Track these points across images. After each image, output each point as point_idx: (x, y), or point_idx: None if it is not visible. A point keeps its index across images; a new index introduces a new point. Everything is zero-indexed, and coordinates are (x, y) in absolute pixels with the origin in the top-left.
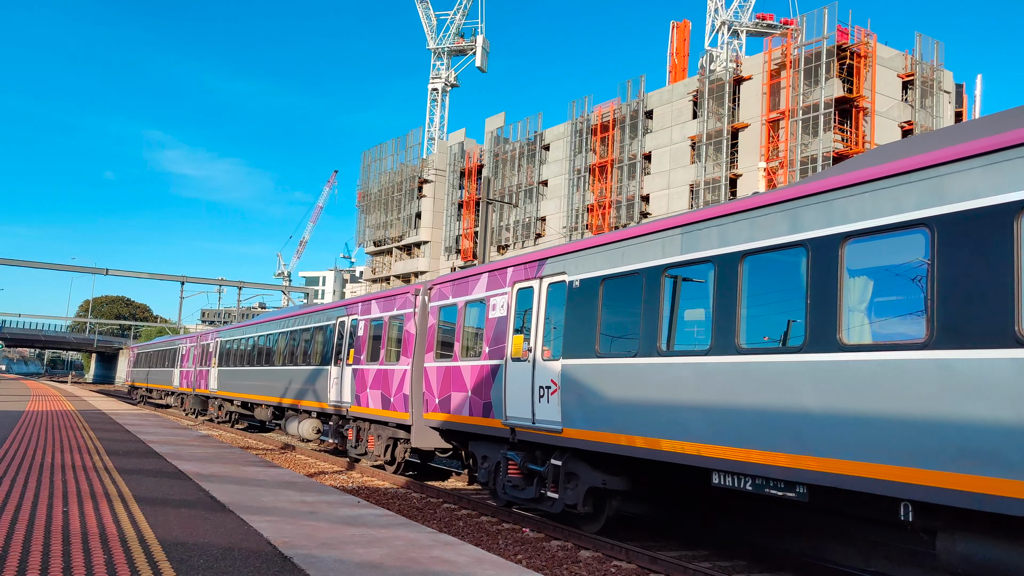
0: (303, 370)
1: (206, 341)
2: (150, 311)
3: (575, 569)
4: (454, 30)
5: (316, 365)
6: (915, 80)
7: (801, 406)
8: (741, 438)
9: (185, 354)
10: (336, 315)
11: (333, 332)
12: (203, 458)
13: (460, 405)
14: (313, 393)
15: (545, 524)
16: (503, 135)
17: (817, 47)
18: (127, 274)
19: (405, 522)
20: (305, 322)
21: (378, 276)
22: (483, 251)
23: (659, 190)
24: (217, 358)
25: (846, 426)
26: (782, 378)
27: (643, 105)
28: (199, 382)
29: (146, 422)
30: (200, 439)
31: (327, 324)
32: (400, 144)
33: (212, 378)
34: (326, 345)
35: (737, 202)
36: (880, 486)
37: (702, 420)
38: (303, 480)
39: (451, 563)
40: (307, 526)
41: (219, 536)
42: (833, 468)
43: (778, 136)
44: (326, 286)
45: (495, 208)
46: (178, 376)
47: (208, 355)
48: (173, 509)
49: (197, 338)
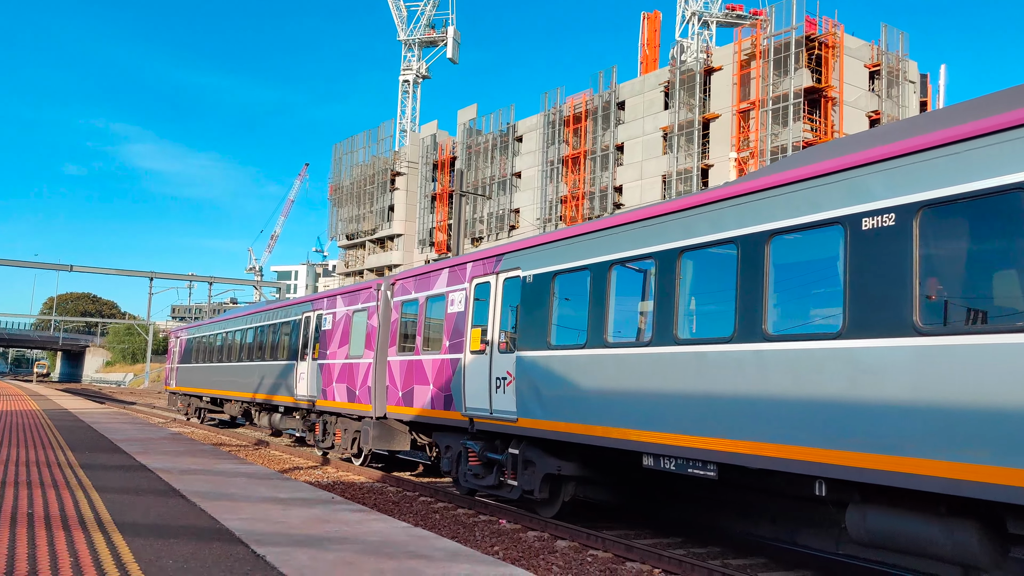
0: (271, 365)
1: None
2: (118, 308)
3: (552, 559)
4: (425, 21)
5: (284, 360)
6: (881, 70)
7: (728, 392)
8: (676, 424)
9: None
10: (303, 310)
11: (300, 327)
12: (174, 455)
13: (423, 398)
14: (281, 388)
15: (522, 515)
16: (475, 127)
17: (786, 38)
18: (93, 270)
19: (380, 517)
20: (272, 317)
21: (351, 270)
22: (457, 244)
23: (632, 181)
24: (182, 354)
25: (767, 411)
26: (712, 366)
27: (615, 96)
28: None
29: (114, 420)
30: (171, 437)
31: (294, 319)
32: (372, 136)
33: (173, 374)
34: (293, 340)
35: (672, 202)
36: (797, 465)
37: (638, 407)
38: (276, 476)
39: (427, 557)
40: (280, 523)
41: (190, 535)
42: (750, 449)
43: (748, 126)
44: (298, 280)
45: (468, 200)
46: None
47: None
48: (141, 508)
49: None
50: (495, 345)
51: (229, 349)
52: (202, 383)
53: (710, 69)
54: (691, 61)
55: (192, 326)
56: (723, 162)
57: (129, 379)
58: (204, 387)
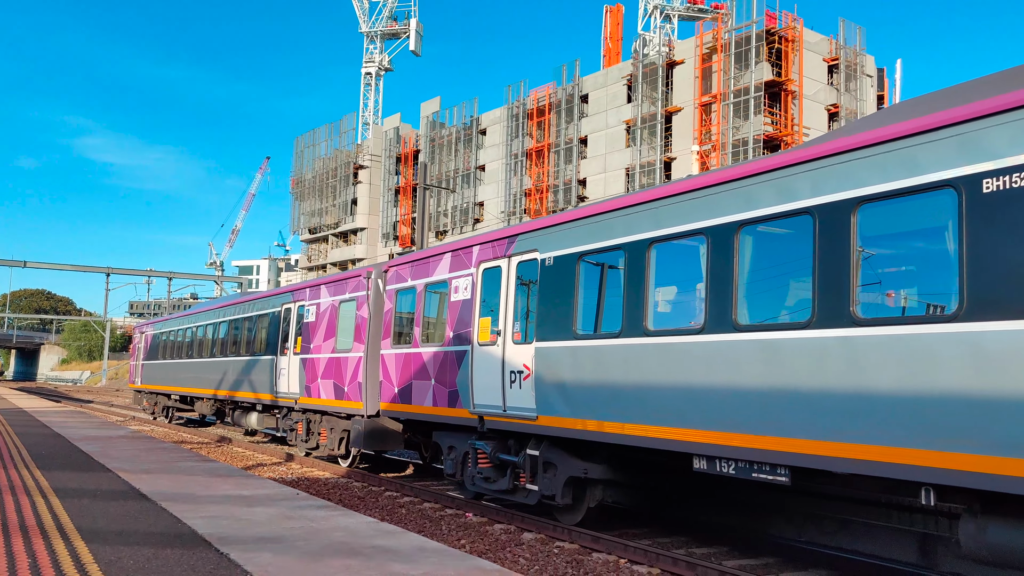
0: (247, 360)
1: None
2: (73, 305)
3: (518, 551)
4: (387, 13)
5: (262, 355)
6: (840, 64)
7: (805, 386)
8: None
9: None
10: (281, 301)
11: (278, 319)
12: (134, 454)
13: (422, 394)
14: (258, 385)
15: (488, 508)
16: (439, 120)
17: (747, 31)
18: (48, 266)
19: (346, 512)
20: (248, 310)
21: (314, 264)
22: (421, 237)
23: (596, 174)
24: (147, 350)
25: (859, 407)
26: (784, 357)
27: (578, 89)
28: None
29: (71, 419)
30: (130, 436)
31: (273, 311)
32: (334, 129)
33: (138, 372)
34: (271, 334)
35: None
36: (899, 470)
37: (687, 403)
38: (240, 473)
39: (394, 552)
40: (244, 520)
41: (151, 534)
42: (836, 452)
43: (710, 119)
44: (260, 275)
45: (433, 193)
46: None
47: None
48: (101, 507)
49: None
50: (508, 336)
51: (200, 344)
52: (171, 380)
53: (672, 63)
54: (653, 55)
55: (159, 320)
56: (686, 155)
57: (86, 377)
58: (173, 385)
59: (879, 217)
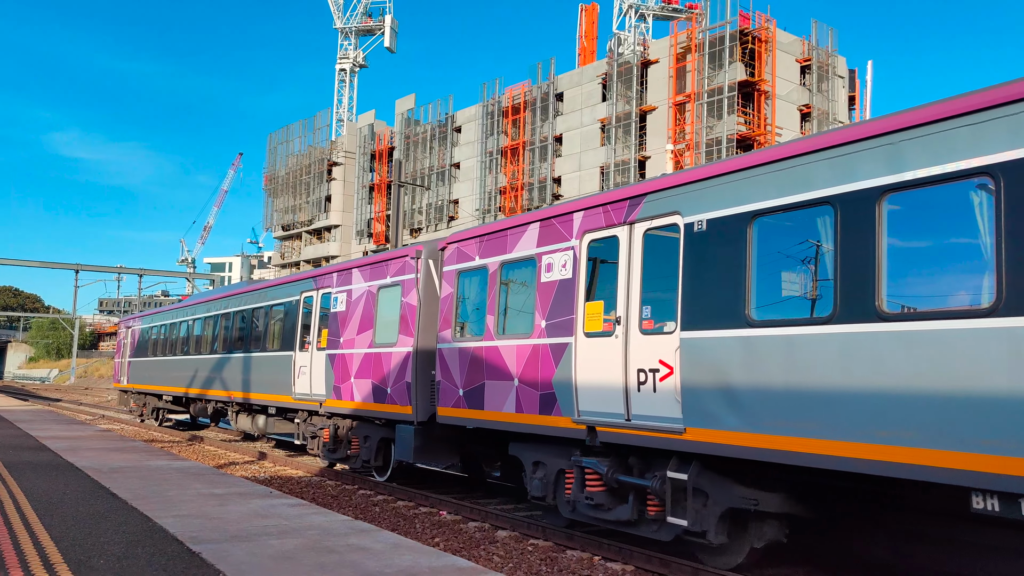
0: (257, 357)
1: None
2: (41, 302)
3: (492, 549)
4: (361, 9)
5: (275, 351)
6: (812, 65)
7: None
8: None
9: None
10: (300, 289)
11: (296, 310)
12: (104, 453)
13: (500, 397)
14: (271, 385)
15: (462, 506)
16: (414, 117)
17: (721, 31)
18: (15, 263)
19: (320, 510)
20: (258, 300)
21: (287, 261)
22: (395, 234)
23: (570, 172)
24: (135, 347)
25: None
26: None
27: (553, 88)
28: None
29: (39, 418)
30: (100, 434)
31: (288, 301)
32: (308, 126)
33: (124, 370)
34: (287, 326)
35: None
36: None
37: (965, 416)
38: (212, 471)
39: (367, 550)
40: (216, 519)
41: (121, 534)
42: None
43: (684, 119)
44: (232, 272)
45: (407, 191)
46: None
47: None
48: (70, 507)
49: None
50: (633, 324)
51: (199, 340)
52: (163, 380)
53: (647, 62)
54: (628, 54)
55: (148, 314)
56: (660, 154)
57: (54, 375)
58: (165, 384)
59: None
